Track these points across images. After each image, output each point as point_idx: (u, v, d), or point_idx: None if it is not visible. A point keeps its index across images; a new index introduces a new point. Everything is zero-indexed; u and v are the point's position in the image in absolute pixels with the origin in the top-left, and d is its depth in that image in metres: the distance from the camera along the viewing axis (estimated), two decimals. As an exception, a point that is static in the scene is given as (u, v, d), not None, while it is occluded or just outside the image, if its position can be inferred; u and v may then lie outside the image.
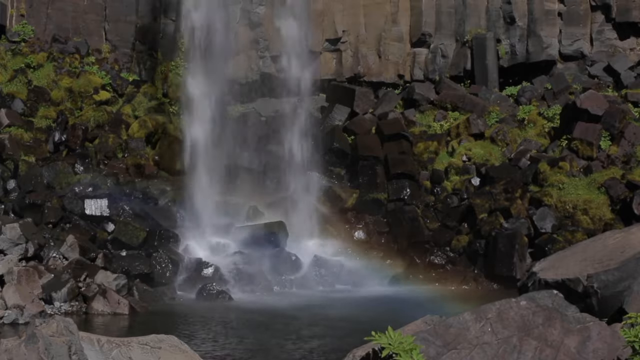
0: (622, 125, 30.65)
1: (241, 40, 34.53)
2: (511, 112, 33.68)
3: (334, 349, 18.25)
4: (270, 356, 18.40)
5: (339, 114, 34.07)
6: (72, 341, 8.92)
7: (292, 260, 27.85)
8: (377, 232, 30.29)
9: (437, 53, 35.81)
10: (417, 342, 8.60)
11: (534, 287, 11.12)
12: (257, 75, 34.71)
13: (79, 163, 30.01)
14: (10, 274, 22.43)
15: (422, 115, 34.16)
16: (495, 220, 28.75)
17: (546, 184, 29.57)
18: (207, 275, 26.15)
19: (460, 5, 35.77)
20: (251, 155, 31.90)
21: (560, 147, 31.16)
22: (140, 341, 9.68)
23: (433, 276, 28.34)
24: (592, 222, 28.42)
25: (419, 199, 30.91)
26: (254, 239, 28.13)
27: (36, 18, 34.55)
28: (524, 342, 8.82)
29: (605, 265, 10.83)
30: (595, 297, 10.61)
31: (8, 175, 28.98)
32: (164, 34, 34.37)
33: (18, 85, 32.57)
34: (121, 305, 22.75)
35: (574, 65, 35.76)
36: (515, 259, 27.31)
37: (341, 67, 35.61)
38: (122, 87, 33.63)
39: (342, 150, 32.31)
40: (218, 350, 18.40)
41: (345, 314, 22.88)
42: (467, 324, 8.91)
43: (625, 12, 35.35)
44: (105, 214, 27.59)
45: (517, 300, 9.14)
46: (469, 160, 31.84)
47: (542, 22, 35.49)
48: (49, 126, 31.48)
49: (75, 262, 24.20)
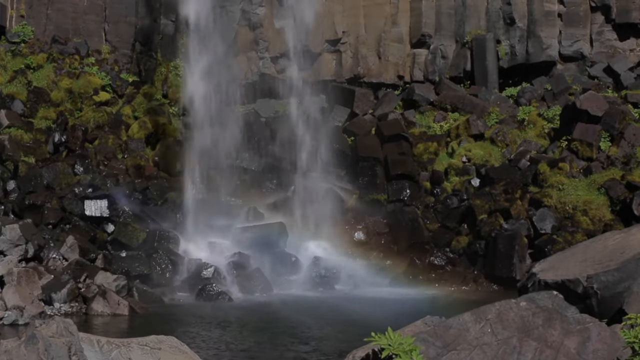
0: (621, 126, 30.64)
1: (241, 41, 34.54)
2: (511, 113, 33.68)
3: (333, 350, 18.25)
4: (270, 357, 18.39)
5: (339, 115, 34.08)
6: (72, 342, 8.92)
7: (292, 261, 27.85)
8: (377, 233, 30.28)
9: (437, 54, 35.82)
10: (416, 343, 8.60)
11: (534, 288, 11.11)
12: (256, 76, 34.72)
13: (78, 164, 30.00)
14: (10, 274, 22.42)
15: (421, 116, 34.16)
16: (495, 221, 28.75)
17: (546, 184, 29.57)
18: (206, 276, 26.14)
19: (460, 6, 35.78)
20: (251, 156, 31.89)
21: (560, 148, 31.15)
22: (140, 342, 9.68)
23: (433, 277, 28.34)
24: (592, 223, 28.42)
25: (418, 200, 30.91)
26: (253, 240, 28.12)
27: (36, 19, 34.56)
28: (524, 343, 8.81)
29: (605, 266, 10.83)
30: (595, 298, 10.60)
31: (8, 176, 28.98)
32: (164, 35, 34.37)
33: (18, 86, 32.58)
34: (121, 306, 22.74)
35: (573, 66, 35.77)
36: (515, 260, 27.30)
37: (341, 68, 35.62)
38: (122, 88, 33.64)
39: (342, 151, 32.31)
40: (218, 351, 18.39)
41: (345, 315, 22.87)
42: (466, 324, 8.90)
43: (625, 13, 35.36)
44: (105, 214, 27.59)
45: (517, 301, 9.14)
46: (469, 161, 31.84)
47: (542, 23, 35.49)
48: (49, 127, 31.48)
49: (75, 263, 24.19)
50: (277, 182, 31.43)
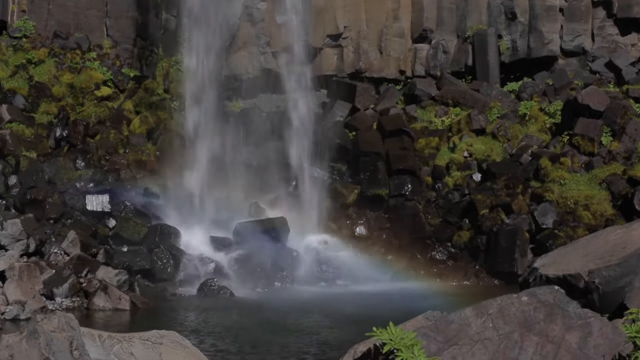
0: (623, 121, 30.62)
1: (242, 36, 34.52)
2: (512, 108, 33.66)
3: (335, 345, 18.27)
4: (271, 352, 18.41)
5: (340, 110, 34.06)
6: (74, 337, 8.92)
7: (293, 256, 27.85)
8: (379, 227, 30.29)
9: (438, 49, 35.79)
10: (418, 337, 8.60)
11: (535, 282, 11.11)
12: (258, 71, 34.70)
13: (80, 159, 29.99)
14: (11, 269, 22.44)
15: (423, 111, 34.14)
16: (496, 216, 28.75)
17: (547, 179, 29.57)
18: (208, 271, 26.17)
19: (461, 1, 35.75)
20: (252, 151, 31.88)
21: (562, 142, 31.14)
22: (142, 337, 9.68)
23: (434, 272, 28.36)
24: (594, 217, 28.42)
25: (420, 195, 30.90)
26: (255, 234, 28.13)
27: (37, 14, 34.52)
28: (525, 338, 8.82)
29: (606, 261, 10.83)
30: (597, 293, 10.61)
31: (9, 171, 28.96)
32: (165, 30, 34.35)
33: (19, 81, 32.55)
34: (122, 300, 22.76)
35: (575, 61, 35.74)
36: (517, 255, 27.31)
37: (342, 63, 35.59)
38: (124, 82, 33.61)
39: (344, 146, 32.30)
40: (219, 346, 18.42)
41: (346, 309, 22.89)
42: (468, 319, 8.90)
43: (626, 8, 35.32)
44: (107, 209, 27.58)
45: (518, 296, 9.13)
46: (470, 156, 31.83)
47: (544, 17, 35.46)
48: (50, 122, 31.46)
49: (77, 258, 24.20)
50: (278, 177, 31.42)
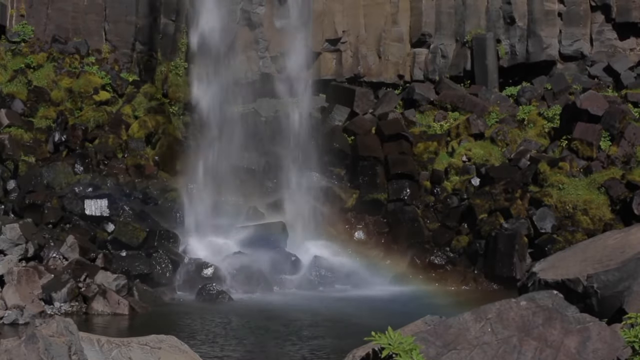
0: (622, 125, 30.63)
1: (241, 40, 34.53)
2: (511, 113, 33.67)
3: (334, 349, 18.26)
4: (270, 357, 18.40)
5: (339, 114, 34.06)
6: (72, 341, 8.92)
7: (292, 261, 27.85)
8: (377, 232, 30.30)
9: (437, 53, 35.81)
10: (417, 342, 8.60)
11: (534, 287, 11.12)
12: (257, 76, 34.70)
13: (78, 163, 30.00)
14: (10, 274, 22.42)
15: (422, 115, 34.15)
16: (495, 220, 28.75)
17: (546, 184, 29.57)
18: (207, 275, 26.14)
19: (460, 5, 35.77)
20: (251, 156, 31.88)
21: (560, 147, 31.15)
22: (140, 341, 9.69)
23: (433, 276, 28.35)
24: (592, 222, 28.42)
25: (418, 199, 30.91)
26: (254, 239, 28.13)
27: (36, 18, 34.54)
28: (524, 343, 8.82)
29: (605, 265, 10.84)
30: (595, 298, 10.62)
31: (8, 175, 28.97)
32: (164, 35, 34.37)
33: (18, 85, 32.57)
34: (121, 305, 22.75)
35: (573, 65, 35.75)
36: (515, 259, 27.31)
37: (341, 68, 35.60)
38: (122, 87, 33.62)
39: (342, 150, 32.31)
40: (218, 351, 18.41)
41: (345, 314, 22.89)
42: (467, 324, 8.91)
43: (625, 13, 35.35)
44: (105, 214, 27.59)
45: (517, 300, 9.14)
46: (469, 160, 31.84)
47: (542, 22, 35.48)
48: (49, 126, 31.46)
49: (75, 263, 24.19)
50: (277, 182, 31.43)
